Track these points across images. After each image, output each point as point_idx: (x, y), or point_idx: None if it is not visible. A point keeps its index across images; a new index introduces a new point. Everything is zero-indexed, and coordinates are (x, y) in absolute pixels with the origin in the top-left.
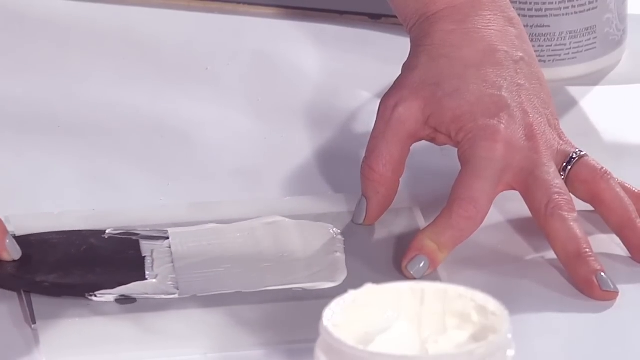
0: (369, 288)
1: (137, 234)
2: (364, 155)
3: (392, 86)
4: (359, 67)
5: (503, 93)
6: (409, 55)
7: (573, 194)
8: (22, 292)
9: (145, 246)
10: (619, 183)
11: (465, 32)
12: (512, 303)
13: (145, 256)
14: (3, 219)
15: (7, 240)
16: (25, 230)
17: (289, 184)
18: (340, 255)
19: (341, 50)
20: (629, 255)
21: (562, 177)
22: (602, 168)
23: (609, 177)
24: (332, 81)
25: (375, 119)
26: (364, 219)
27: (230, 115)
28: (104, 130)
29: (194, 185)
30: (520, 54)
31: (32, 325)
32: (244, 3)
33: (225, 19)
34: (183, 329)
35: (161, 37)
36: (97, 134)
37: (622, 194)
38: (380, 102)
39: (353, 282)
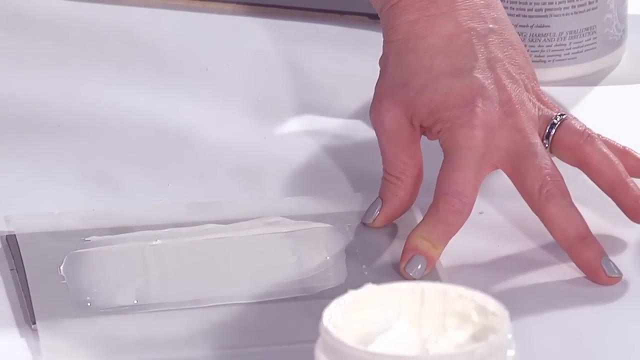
0: (369, 288)
1: None
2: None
3: (373, 97)
4: (359, 67)
5: (475, 74)
6: (382, 52)
7: (560, 159)
8: (22, 292)
9: None
10: (603, 141)
11: (429, 19)
12: (512, 303)
13: None
14: (3, 219)
15: None
16: (25, 230)
17: (289, 184)
18: (340, 255)
19: (341, 50)
20: (624, 214)
21: (546, 145)
22: (585, 130)
23: (593, 138)
24: (332, 81)
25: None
26: (374, 220)
27: (230, 115)
28: (104, 130)
29: (194, 185)
30: (490, 26)
31: (32, 325)
32: (244, 3)
33: (225, 19)
34: (183, 329)
35: (161, 37)
36: (97, 134)
37: (609, 154)
38: (370, 117)
39: (353, 282)
